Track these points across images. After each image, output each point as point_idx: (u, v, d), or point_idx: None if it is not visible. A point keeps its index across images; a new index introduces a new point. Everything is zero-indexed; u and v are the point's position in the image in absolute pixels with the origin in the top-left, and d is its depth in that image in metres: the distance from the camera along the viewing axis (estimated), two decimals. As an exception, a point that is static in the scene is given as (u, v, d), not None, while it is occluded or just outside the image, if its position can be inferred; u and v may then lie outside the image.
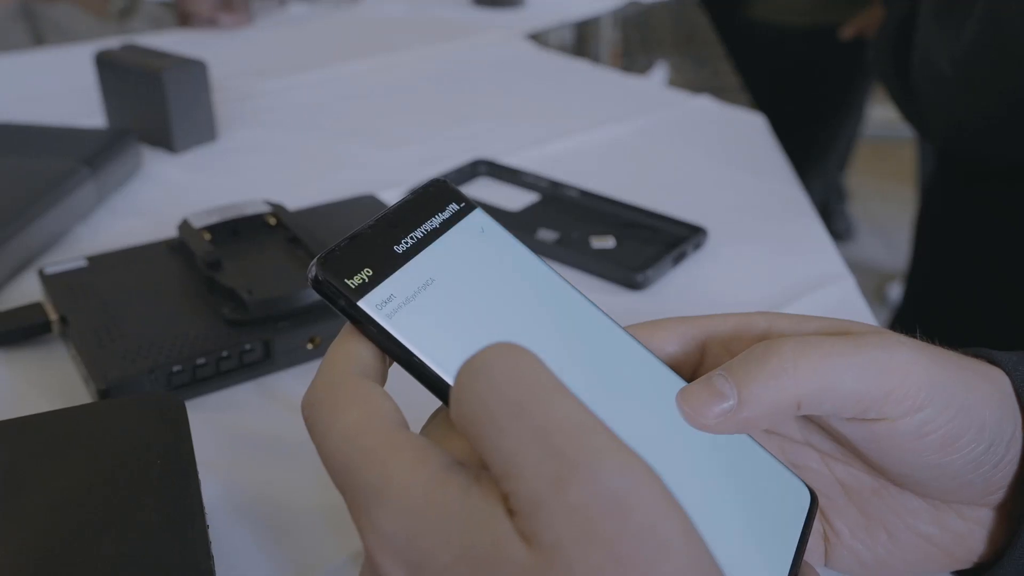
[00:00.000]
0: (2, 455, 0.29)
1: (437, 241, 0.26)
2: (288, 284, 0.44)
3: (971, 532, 0.29)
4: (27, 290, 0.49)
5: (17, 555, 0.26)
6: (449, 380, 0.24)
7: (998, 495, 0.28)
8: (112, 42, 0.72)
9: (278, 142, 0.72)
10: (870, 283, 1.88)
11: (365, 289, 0.24)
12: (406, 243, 0.26)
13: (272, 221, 0.50)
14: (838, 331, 0.27)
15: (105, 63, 0.67)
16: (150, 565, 0.26)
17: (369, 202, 0.57)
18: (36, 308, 0.45)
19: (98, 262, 0.47)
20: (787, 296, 0.51)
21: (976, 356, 0.28)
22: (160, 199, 0.61)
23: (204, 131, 0.69)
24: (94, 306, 0.44)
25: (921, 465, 0.27)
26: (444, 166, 0.65)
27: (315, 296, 0.43)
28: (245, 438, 0.39)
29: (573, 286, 0.28)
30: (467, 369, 0.22)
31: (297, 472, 0.37)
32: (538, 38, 1.05)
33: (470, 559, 0.20)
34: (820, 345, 0.25)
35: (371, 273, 0.25)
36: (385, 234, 0.26)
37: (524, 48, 1.01)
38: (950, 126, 0.60)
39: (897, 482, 0.29)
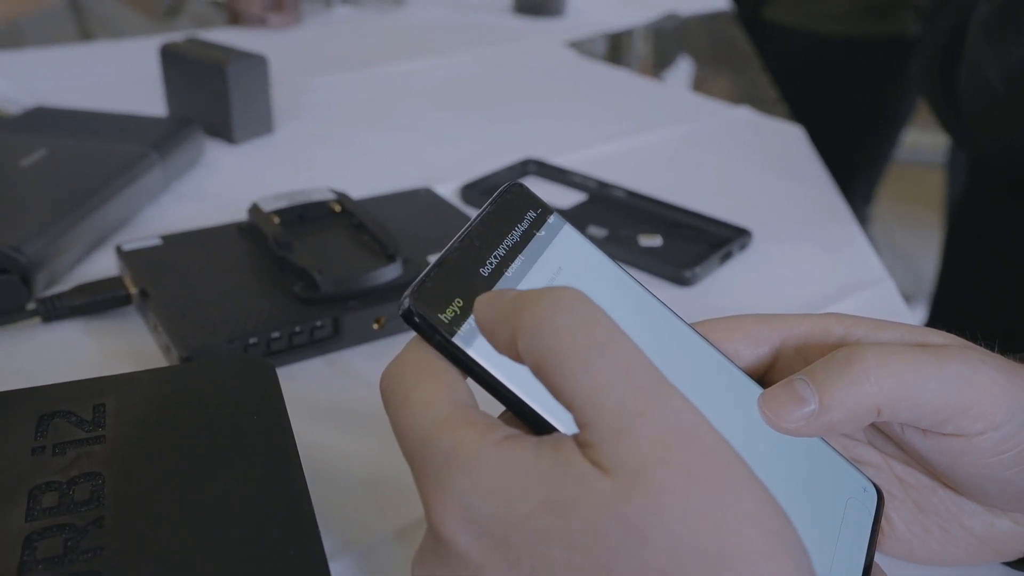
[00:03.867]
0: (117, 407, 0.31)
1: (520, 256, 0.26)
2: (357, 266, 0.46)
3: (1022, 534, 0.30)
4: (100, 266, 0.52)
5: (138, 492, 0.28)
6: (541, 411, 0.24)
7: None
8: (157, 40, 0.75)
9: (331, 136, 0.74)
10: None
11: (459, 322, 0.24)
12: (491, 263, 0.26)
13: (337, 208, 0.52)
14: (916, 341, 0.28)
15: (170, 55, 0.69)
16: (257, 505, 0.28)
17: (425, 195, 0.59)
18: (116, 281, 0.47)
19: (171, 241, 0.50)
20: (830, 297, 0.52)
21: None
22: (221, 186, 0.63)
23: (262, 123, 0.71)
24: (171, 281, 0.46)
25: (992, 479, 0.27)
26: (493, 164, 0.67)
27: (383, 278, 0.46)
28: (311, 409, 0.41)
29: (649, 290, 0.28)
30: (545, 304, 0.22)
31: (356, 445, 0.39)
32: (574, 48, 1.07)
33: (553, 503, 0.21)
34: (903, 354, 0.26)
35: (462, 304, 0.25)
36: (470, 255, 0.26)
37: (565, 55, 1.03)
38: (996, 141, 0.62)
39: (959, 490, 0.29)
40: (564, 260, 0.27)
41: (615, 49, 1.14)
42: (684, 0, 1.30)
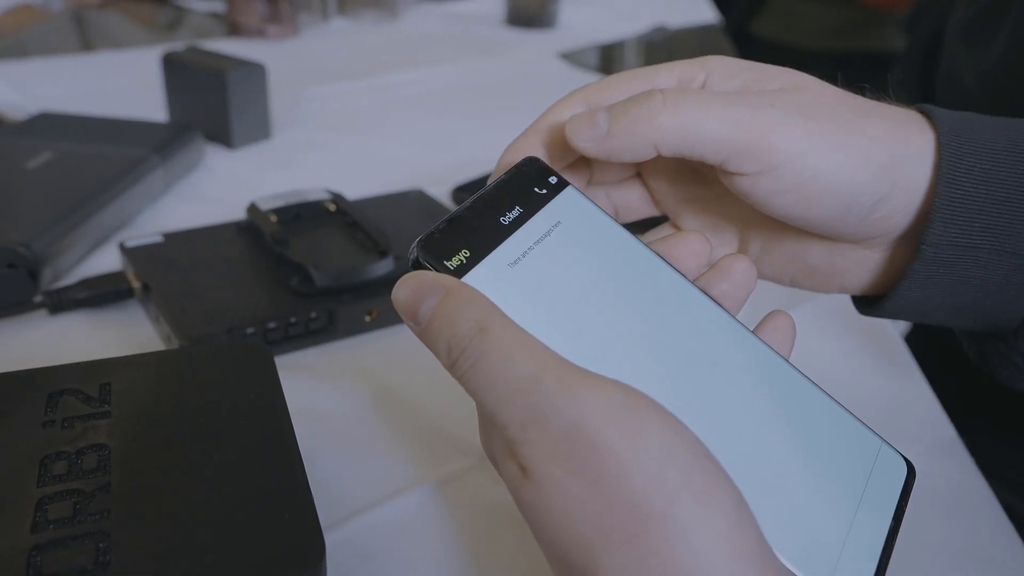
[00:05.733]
0: (122, 386, 0.33)
1: (532, 219, 0.28)
2: (350, 261, 0.49)
3: (853, 268, 0.32)
4: (104, 263, 0.53)
5: (142, 462, 0.30)
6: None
7: (878, 242, 0.31)
8: (158, 51, 0.77)
9: (326, 142, 0.76)
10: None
11: (463, 270, 0.26)
12: (503, 222, 0.27)
13: (332, 207, 0.55)
14: (755, 87, 0.30)
15: (171, 63, 0.71)
16: (254, 473, 0.30)
17: (417, 196, 0.61)
18: (119, 276, 0.49)
19: (173, 238, 0.52)
20: (804, 294, 0.54)
21: (919, 110, 0.30)
22: (220, 188, 0.65)
23: (259, 129, 0.74)
24: (172, 275, 0.48)
25: (788, 216, 0.30)
26: (485, 169, 0.70)
27: (375, 273, 0.48)
28: (307, 394, 0.43)
29: (650, 247, 0.29)
30: (440, 320, 0.25)
31: (348, 426, 0.41)
32: (566, 59, 1.10)
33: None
34: (691, 99, 0.28)
35: (468, 255, 0.26)
36: (482, 214, 0.27)
37: (557, 66, 1.05)
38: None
39: (792, 225, 0.31)
40: (564, 216, 0.29)
41: (606, 60, 1.16)
42: (673, 13, 1.32)
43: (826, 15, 1.74)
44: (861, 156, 0.28)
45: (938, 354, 0.63)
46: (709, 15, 1.36)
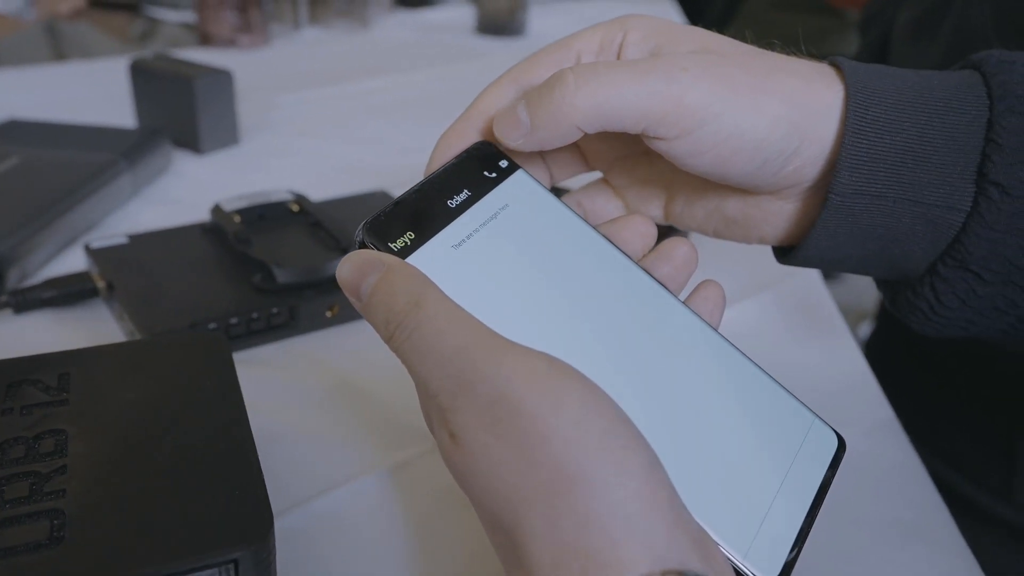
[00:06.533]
0: (81, 376, 0.34)
1: (479, 201, 0.29)
2: (311, 258, 0.50)
3: (769, 219, 0.34)
4: (70, 265, 0.54)
5: (99, 445, 0.31)
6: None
7: (791, 193, 0.32)
8: (129, 59, 0.78)
9: (294, 147, 0.77)
10: (852, 320, 1.93)
11: (407, 252, 0.27)
12: (450, 205, 0.29)
13: (295, 208, 0.56)
14: (665, 51, 0.31)
15: (139, 70, 0.73)
16: (207, 454, 0.31)
17: (380, 196, 0.62)
18: (84, 276, 0.50)
19: (137, 240, 0.53)
20: (758, 285, 0.56)
21: (831, 63, 0.32)
22: (188, 192, 0.66)
23: (227, 135, 0.75)
24: (137, 275, 0.49)
25: (707, 173, 0.31)
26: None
27: (336, 270, 0.49)
28: (266, 386, 0.44)
29: (596, 229, 0.31)
30: (376, 300, 0.27)
31: (304, 415, 0.42)
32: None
33: None
34: (604, 75, 0.29)
35: (412, 236, 0.27)
36: (429, 198, 0.29)
37: (524, 73, 1.07)
38: None
39: (714, 180, 0.33)
40: (511, 198, 0.30)
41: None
42: (642, 21, 1.35)
43: (799, 23, 1.77)
44: (772, 115, 0.30)
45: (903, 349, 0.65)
46: (677, 20, 1.38)
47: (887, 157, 0.30)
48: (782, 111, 0.30)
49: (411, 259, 0.27)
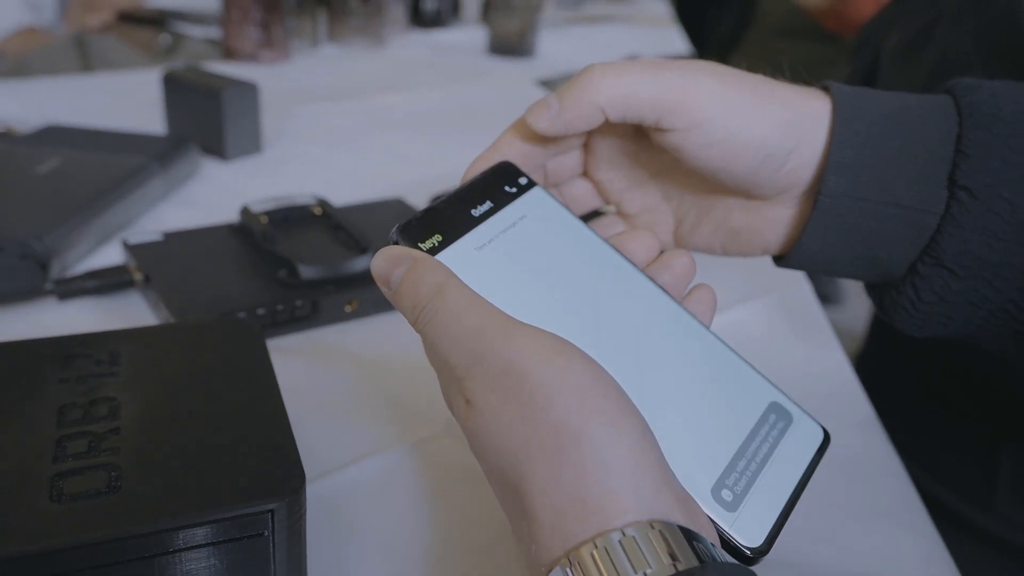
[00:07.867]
0: (129, 352, 0.38)
1: (500, 212, 0.33)
2: (333, 257, 0.54)
3: (769, 226, 0.37)
4: (107, 260, 0.58)
5: (147, 411, 0.35)
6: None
7: (788, 197, 0.36)
8: (156, 72, 0.82)
9: (314, 156, 0.82)
10: (851, 348, 1.94)
11: (435, 251, 0.31)
12: (474, 213, 0.33)
13: (318, 211, 0.60)
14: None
15: (171, 80, 0.77)
16: (244, 419, 0.34)
17: (396, 204, 0.66)
18: (122, 269, 0.54)
19: (171, 237, 0.57)
20: (749, 294, 0.60)
21: (822, 87, 0.36)
22: (214, 196, 0.70)
23: (251, 143, 0.79)
24: (171, 268, 0.53)
25: (714, 168, 0.35)
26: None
27: (356, 267, 0.53)
28: (292, 371, 0.48)
29: (607, 242, 0.35)
30: (404, 290, 0.30)
31: (329, 396, 0.46)
32: (544, 85, 1.16)
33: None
34: (625, 68, 0.34)
35: (440, 239, 0.32)
36: (456, 207, 0.33)
37: (535, 92, 1.11)
38: None
39: (707, 178, 0.36)
40: (529, 210, 0.34)
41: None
42: (647, 45, 1.39)
43: (802, 51, 1.80)
44: (773, 116, 0.34)
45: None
46: (680, 47, 1.43)
47: (870, 164, 0.34)
48: (781, 114, 0.34)
49: (439, 257, 0.31)
